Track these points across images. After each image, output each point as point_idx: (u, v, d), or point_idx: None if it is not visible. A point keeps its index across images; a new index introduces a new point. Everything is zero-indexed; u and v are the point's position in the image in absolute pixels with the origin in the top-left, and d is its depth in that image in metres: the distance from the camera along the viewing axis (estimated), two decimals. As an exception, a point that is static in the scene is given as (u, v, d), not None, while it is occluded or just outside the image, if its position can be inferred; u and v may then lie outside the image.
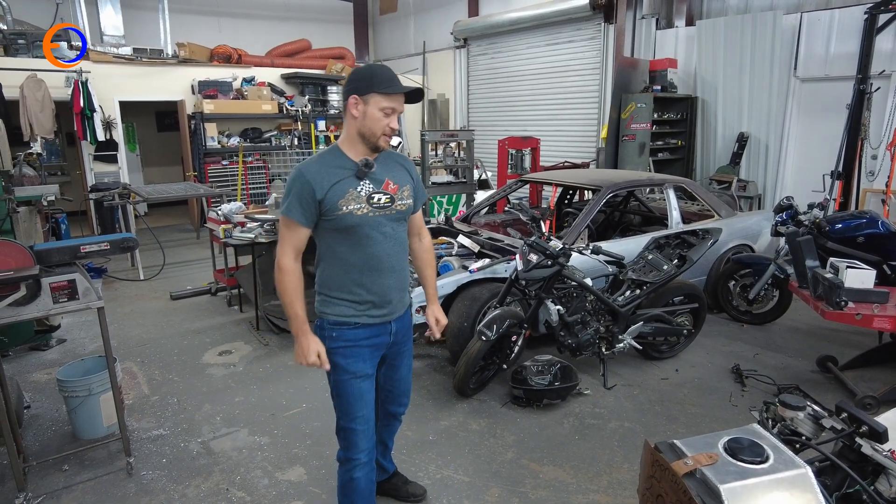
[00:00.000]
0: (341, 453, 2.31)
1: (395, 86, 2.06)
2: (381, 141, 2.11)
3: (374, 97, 2.04)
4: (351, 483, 2.30)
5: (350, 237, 2.11)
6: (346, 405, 2.23)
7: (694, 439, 1.41)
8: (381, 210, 2.14)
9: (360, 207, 2.09)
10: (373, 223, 2.12)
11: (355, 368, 2.20)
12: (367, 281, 2.16)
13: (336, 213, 2.06)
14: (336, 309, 2.19)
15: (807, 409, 1.50)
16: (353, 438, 2.25)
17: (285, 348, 4.67)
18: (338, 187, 2.06)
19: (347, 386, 2.21)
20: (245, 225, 5.21)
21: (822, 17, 6.76)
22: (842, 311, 3.53)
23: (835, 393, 3.90)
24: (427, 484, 2.94)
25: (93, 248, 2.94)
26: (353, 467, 2.28)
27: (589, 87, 9.27)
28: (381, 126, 2.07)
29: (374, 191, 2.13)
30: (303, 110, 10.07)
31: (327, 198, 2.05)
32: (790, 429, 1.51)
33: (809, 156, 7.20)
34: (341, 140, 2.18)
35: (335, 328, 2.18)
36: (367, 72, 2.08)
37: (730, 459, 1.31)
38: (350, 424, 2.24)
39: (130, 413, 3.68)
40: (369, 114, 2.06)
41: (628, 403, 3.75)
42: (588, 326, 3.79)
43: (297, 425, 3.52)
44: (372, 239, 2.13)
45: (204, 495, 2.89)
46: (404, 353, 2.43)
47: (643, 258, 4.16)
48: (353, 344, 2.19)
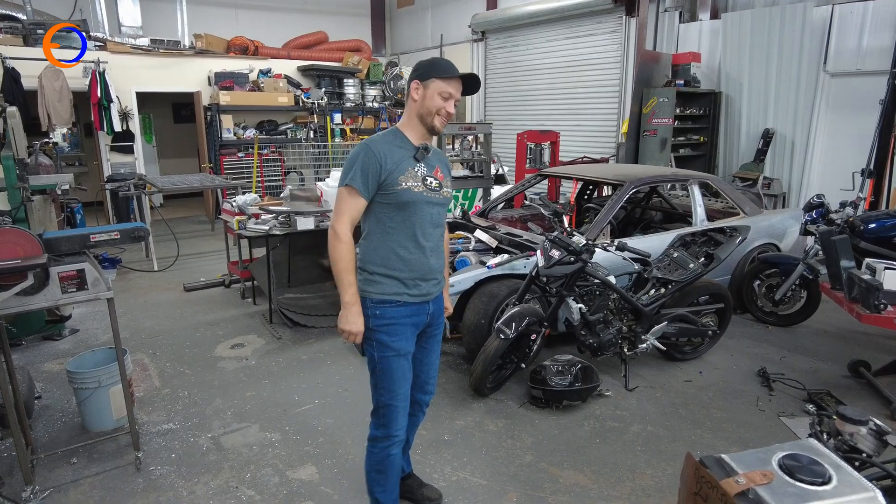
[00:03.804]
0: (379, 431, 2.35)
1: (453, 71, 2.21)
2: (436, 120, 2.22)
3: (434, 82, 2.19)
4: (388, 459, 2.37)
5: (403, 212, 2.22)
6: (390, 382, 2.29)
7: (744, 454, 1.28)
8: (432, 192, 2.26)
9: (416, 185, 2.21)
10: (425, 202, 2.24)
11: (399, 346, 2.27)
12: (413, 258, 2.25)
13: (395, 189, 2.18)
14: (379, 287, 2.24)
15: (869, 424, 1.37)
16: (393, 415, 2.32)
17: (298, 342, 4.59)
18: (400, 165, 2.20)
19: (392, 363, 2.27)
20: (260, 217, 5.14)
21: (854, 9, 6.52)
22: (880, 314, 3.36)
23: (868, 400, 3.73)
24: (442, 486, 2.84)
25: (103, 238, 2.87)
26: (392, 444, 2.35)
27: (609, 81, 9.07)
28: (437, 107, 2.20)
29: (427, 174, 2.27)
30: (319, 103, 9.99)
31: (391, 172, 2.17)
32: (849, 444, 1.37)
33: (837, 153, 6.97)
34: (401, 123, 2.31)
35: (378, 306, 2.24)
36: (428, 61, 2.25)
37: (787, 479, 1.18)
38: (392, 401, 2.30)
39: (141, 406, 3.62)
40: (428, 96, 2.20)
41: (651, 406, 3.62)
42: (610, 326, 3.66)
43: (309, 422, 3.44)
44: (422, 217, 2.25)
45: (213, 493, 2.81)
46: (437, 336, 2.50)
47: (668, 256, 4.02)
48: (395, 322, 2.25)
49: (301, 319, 4.86)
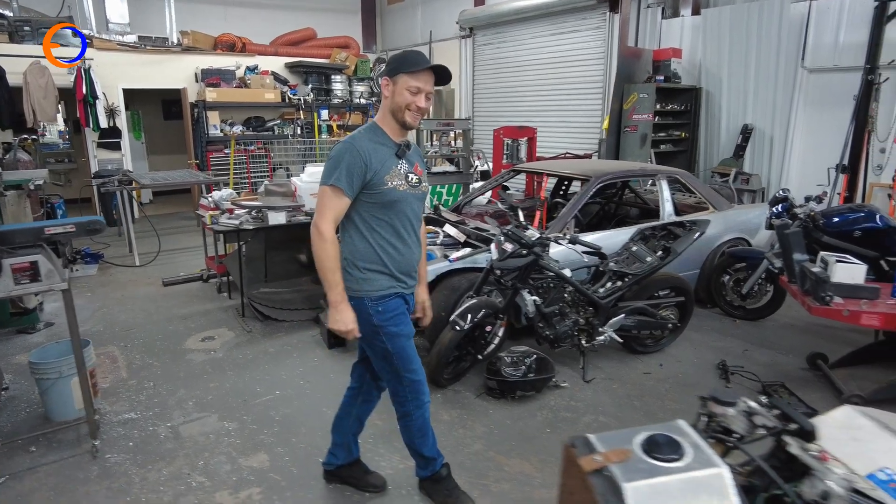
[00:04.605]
0: (411, 405, 2.48)
1: (420, 64, 2.21)
2: (407, 115, 2.24)
3: (402, 77, 2.20)
4: (426, 423, 2.54)
5: (389, 211, 2.28)
6: (409, 362, 2.42)
7: (612, 434, 1.34)
8: (414, 189, 2.33)
9: (401, 184, 2.27)
10: (409, 199, 2.32)
11: (408, 331, 2.41)
12: (400, 254, 2.33)
13: (381, 188, 2.23)
14: (375, 284, 2.31)
15: (739, 406, 1.42)
16: (420, 387, 2.47)
17: (268, 335, 4.65)
18: (385, 163, 2.24)
19: (407, 347, 2.41)
20: (234, 212, 5.20)
21: (831, 5, 6.54)
22: (827, 306, 3.40)
23: (822, 392, 3.78)
24: (389, 474, 2.90)
25: (58, 231, 2.93)
26: (426, 409, 2.51)
27: (593, 77, 9.10)
28: (408, 102, 2.21)
29: (408, 170, 2.32)
30: (305, 99, 10.04)
31: (376, 172, 2.21)
32: (723, 426, 1.43)
33: (816, 149, 6.99)
34: (378, 119, 2.34)
35: (379, 303, 2.32)
36: (397, 56, 2.26)
37: (643, 456, 1.24)
38: (416, 376, 2.45)
39: (105, 396, 3.69)
40: (397, 92, 2.22)
41: (606, 397, 3.67)
42: (566, 318, 3.71)
43: (267, 412, 3.50)
44: (406, 214, 2.32)
45: (165, 479, 2.88)
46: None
47: (627, 249, 4.06)
48: (397, 312, 2.36)
49: (272, 313, 4.92)
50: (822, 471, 1.25)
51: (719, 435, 1.40)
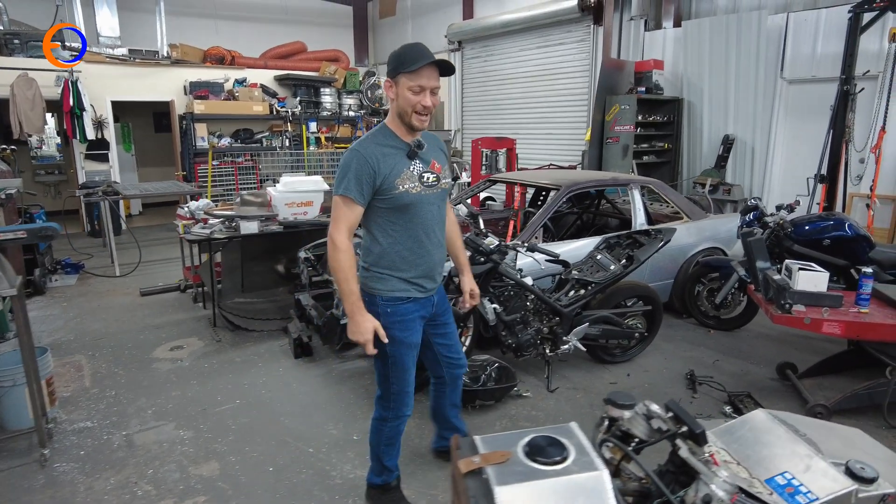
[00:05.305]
0: (389, 413, 2.48)
1: (417, 62, 2.08)
2: (413, 119, 2.16)
3: (402, 78, 2.12)
4: (398, 435, 2.55)
5: (404, 215, 2.22)
6: (402, 372, 2.39)
7: (498, 436, 1.31)
8: (430, 189, 2.26)
9: (414, 186, 2.21)
10: (425, 201, 2.25)
11: (412, 340, 2.37)
12: (419, 257, 2.29)
13: (393, 192, 2.17)
14: (389, 284, 2.29)
15: (637, 408, 1.39)
16: (407, 400, 2.46)
17: (237, 345, 4.63)
18: (395, 167, 2.17)
19: (406, 356, 2.37)
20: (207, 222, 5.20)
21: (808, 17, 6.58)
22: (789, 314, 3.37)
23: (788, 401, 3.73)
24: (338, 484, 2.87)
25: (8, 237, 2.93)
26: (402, 422, 2.52)
27: (578, 89, 9.16)
28: (412, 104, 2.12)
29: (423, 170, 2.25)
30: (293, 111, 10.10)
31: (386, 177, 2.15)
32: (622, 430, 1.40)
33: (797, 159, 7.00)
34: (388, 120, 2.27)
35: (389, 304, 2.29)
36: (395, 54, 2.15)
37: (523, 459, 1.21)
38: (406, 388, 2.43)
39: (64, 405, 3.66)
40: (400, 94, 2.14)
41: (568, 407, 3.63)
42: (529, 326, 3.68)
43: (224, 421, 3.47)
44: (423, 217, 2.26)
45: (111, 488, 2.85)
46: (449, 320, 2.60)
47: (592, 258, 4.05)
48: (406, 317, 2.32)
49: (242, 323, 4.91)
50: (707, 474, 1.22)
51: (616, 440, 1.37)
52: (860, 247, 4.28)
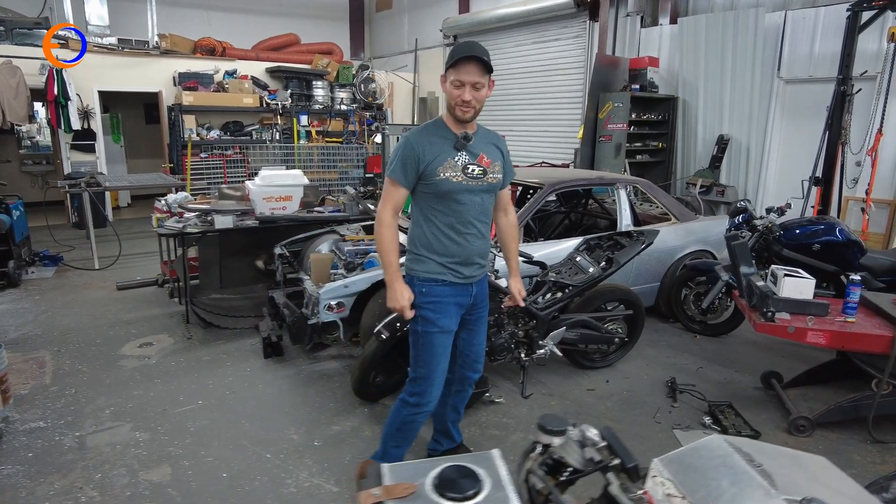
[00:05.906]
0: (412, 399, 2.49)
1: (453, 56, 2.26)
2: (456, 110, 2.32)
3: (449, 73, 2.30)
4: (412, 424, 2.54)
5: (443, 201, 2.35)
6: (430, 356, 2.43)
7: (408, 464, 1.18)
8: (474, 180, 2.37)
9: (455, 175, 2.33)
10: (465, 191, 2.35)
11: (443, 323, 2.42)
12: (455, 244, 2.38)
13: (434, 179, 2.31)
14: (425, 266, 2.40)
15: (571, 433, 1.26)
16: (429, 387, 2.46)
17: (207, 343, 4.50)
18: (439, 156, 2.32)
19: (434, 339, 2.41)
20: (183, 215, 5.07)
21: (807, 16, 6.42)
22: (772, 322, 3.23)
23: (771, 412, 3.60)
24: (292, 492, 2.74)
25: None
26: (421, 412, 2.50)
27: (573, 86, 9.00)
28: (453, 97, 2.30)
29: (469, 162, 2.36)
30: (283, 104, 9.94)
31: (429, 163, 2.30)
32: (554, 458, 1.27)
33: (793, 161, 6.83)
34: (444, 113, 2.43)
35: (425, 284, 2.39)
36: (451, 51, 2.32)
37: (429, 493, 1.08)
38: (430, 374, 2.45)
39: (19, 403, 3.53)
40: (446, 89, 2.32)
41: (540, 414, 3.49)
42: (503, 329, 3.54)
43: (183, 423, 3.34)
44: (463, 205, 2.36)
45: (54, 493, 2.72)
46: (483, 318, 2.64)
47: (571, 260, 3.90)
48: (441, 300, 2.40)
49: (214, 320, 4.78)
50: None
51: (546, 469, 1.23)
52: (851, 252, 4.13)
